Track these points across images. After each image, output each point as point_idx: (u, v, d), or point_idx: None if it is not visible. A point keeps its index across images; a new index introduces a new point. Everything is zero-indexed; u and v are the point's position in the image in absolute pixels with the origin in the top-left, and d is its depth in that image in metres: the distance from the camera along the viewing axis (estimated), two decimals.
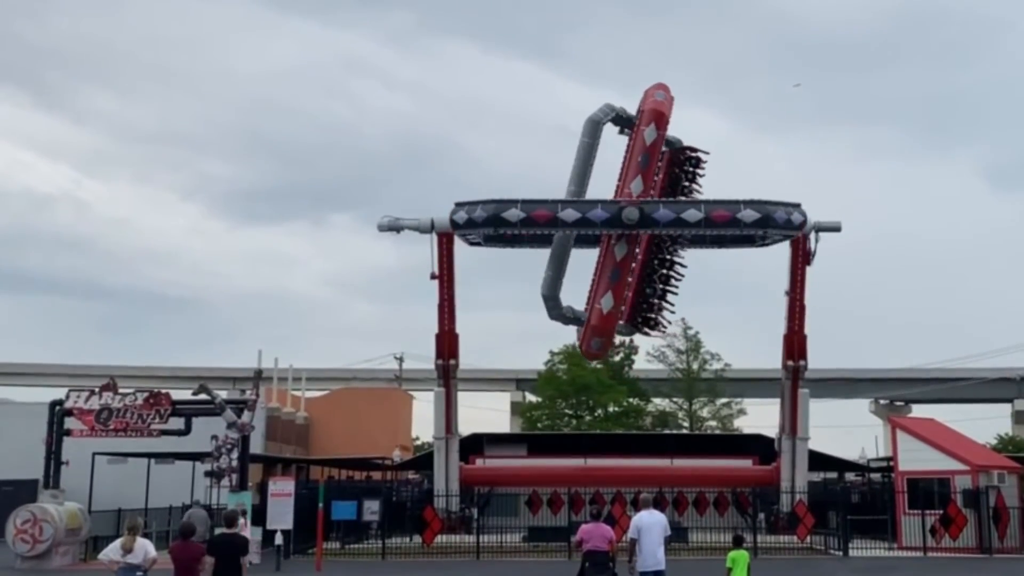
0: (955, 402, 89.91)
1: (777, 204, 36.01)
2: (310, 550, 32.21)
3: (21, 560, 30.27)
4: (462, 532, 37.23)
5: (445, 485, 38.74)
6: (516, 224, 35.87)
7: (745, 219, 35.53)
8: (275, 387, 59.94)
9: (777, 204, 36.01)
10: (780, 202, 36.35)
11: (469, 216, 36.29)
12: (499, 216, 35.83)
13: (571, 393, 65.10)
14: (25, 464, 40.97)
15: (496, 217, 35.89)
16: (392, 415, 67.80)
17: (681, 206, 36.62)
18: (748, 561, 16.94)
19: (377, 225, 38.94)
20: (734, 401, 72.77)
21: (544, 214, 35.64)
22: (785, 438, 40.05)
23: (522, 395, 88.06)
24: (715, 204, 36.18)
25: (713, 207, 35.92)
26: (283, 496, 31.44)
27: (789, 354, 39.71)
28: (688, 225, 35.96)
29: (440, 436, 39.74)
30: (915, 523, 34.33)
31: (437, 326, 39.52)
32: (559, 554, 32.42)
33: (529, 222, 35.83)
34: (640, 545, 16.64)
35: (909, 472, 35.45)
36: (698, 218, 35.52)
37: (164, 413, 32.71)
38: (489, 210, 35.91)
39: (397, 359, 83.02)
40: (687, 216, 35.70)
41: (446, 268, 38.58)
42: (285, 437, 58.30)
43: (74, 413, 32.65)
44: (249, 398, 34.24)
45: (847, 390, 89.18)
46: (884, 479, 44.74)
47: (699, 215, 35.54)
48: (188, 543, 14.27)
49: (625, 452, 44.06)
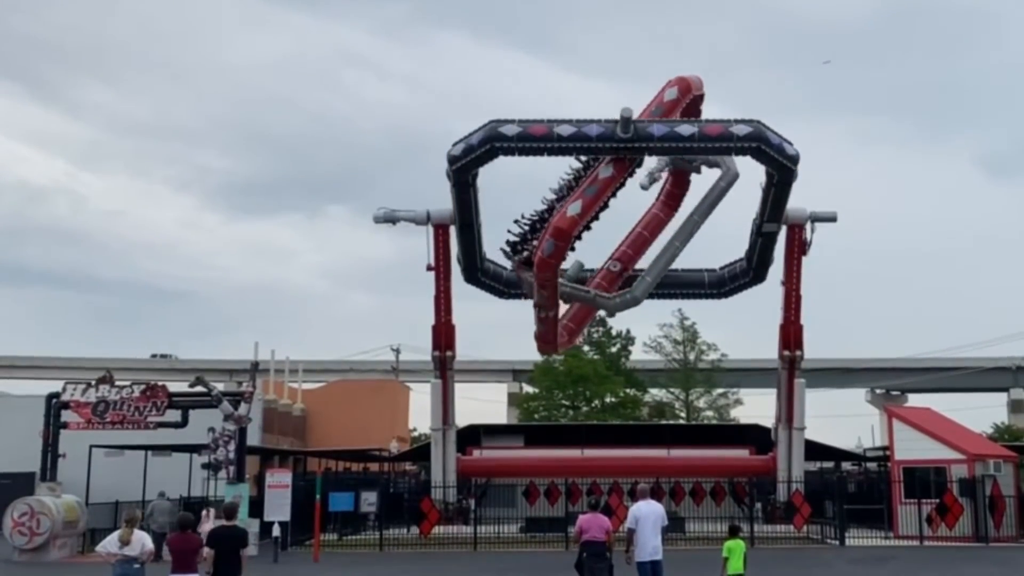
0: (951, 391, 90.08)
1: (771, 129, 35.08)
2: (307, 542, 32.25)
3: (19, 553, 30.28)
4: (459, 523, 37.32)
5: (442, 476, 38.81)
6: (513, 139, 34.36)
7: (738, 132, 34.39)
8: (272, 379, 59.92)
9: (771, 129, 35.08)
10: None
11: (466, 143, 34.77)
12: (497, 132, 34.28)
13: (568, 384, 65.10)
14: (22, 457, 40.98)
15: (494, 134, 34.31)
16: (389, 407, 67.85)
17: (675, 122, 35.64)
18: (744, 551, 16.96)
19: (373, 217, 38.99)
20: (731, 391, 72.79)
21: (540, 129, 34.58)
22: (781, 428, 40.17)
23: (519, 386, 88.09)
24: (709, 121, 35.56)
25: (706, 124, 35.09)
26: (280, 488, 31.44)
27: (785, 344, 39.82)
28: (682, 139, 34.81)
29: (437, 427, 39.80)
30: (911, 512, 34.42)
31: (433, 317, 39.56)
32: (556, 544, 32.45)
33: (525, 137, 34.43)
34: (637, 535, 16.67)
35: (905, 461, 35.50)
36: (691, 132, 34.54)
37: (161, 405, 32.71)
38: (486, 131, 34.48)
39: (394, 351, 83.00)
40: (681, 130, 34.69)
41: (442, 260, 38.59)
42: (282, 429, 58.33)
43: (71, 406, 32.63)
44: (246, 390, 34.20)
45: (843, 380, 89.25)
46: (880, 468, 44.82)
47: (692, 129, 34.61)
48: (186, 534, 14.26)
49: (622, 443, 44.16)
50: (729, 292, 42.21)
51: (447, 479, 38.77)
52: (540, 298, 36.16)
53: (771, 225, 38.30)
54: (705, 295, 43.03)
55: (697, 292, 43.09)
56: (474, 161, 35.00)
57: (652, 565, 16.65)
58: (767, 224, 38.27)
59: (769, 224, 38.23)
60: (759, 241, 39.34)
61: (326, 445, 57.71)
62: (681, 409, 71.57)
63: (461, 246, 38.65)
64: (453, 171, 35.38)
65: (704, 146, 35.41)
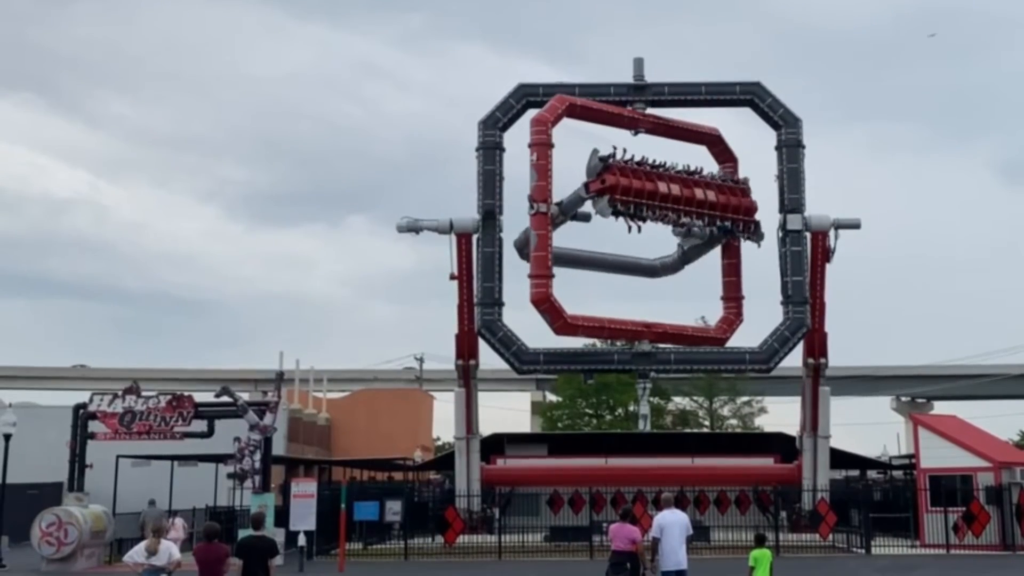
0: (977, 399, 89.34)
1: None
2: (333, 551, 32.34)
3: (47, 563, 30.53)
4: (484, 532, 37.27)
5: (466, 485, 38.79)
6: (540, 89, 39.91)
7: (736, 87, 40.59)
8: (297, 389, 60.14)
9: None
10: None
11: (499, 103, 39.58)
12: (527, 86, 40.41)
13: (591, 392, 65.03)
14: (50, 467, 41.30)
15: (526, 87, 40.35)
16: (413, 416, 67.94)
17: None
18: (771, 560, 16.95)
19: (396, 226, 39.12)
20: (755, 399, 72.56)
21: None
22: (806, 436, 39.95)
23: (542, 395, 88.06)
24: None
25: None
26: (306, 497, 31.61)
27: (810, 352, 39.67)
28: (688, 90, 41.09)
29: (461, 436, 39.79)
30: (938, 520, 34.21)
31: (457, 326, 39.59)
32: (581, 554, 32.45)
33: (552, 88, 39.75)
34: (662, 544, 16.67)
35: (931, 469, 35.29)
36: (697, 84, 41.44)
37: (187, 415, 32.90)
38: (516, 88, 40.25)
39: (417, 360, 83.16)
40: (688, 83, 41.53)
41: (465, 268, 38.64)
42: (307, 438, 58.48)
43: (98, 416, 32.87)
44: (271, 400, 34.27)
45: (868, 387, 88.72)
46: (906, 476, 44.56)
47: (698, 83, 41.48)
48: (212, 544, 14.36)
49: (646, 451, 43.96)
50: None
51: (471, 488, 38.76)
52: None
53: (794, 218, 38.63)
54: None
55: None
56: (506, 116, 39.40)
57: (677, 574, 16.65)
58: (791, 216, 38.70)
59: (792, 216, 38.70)
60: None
61: (351, 454, 57.85)
62: (705, 417, 71.40)
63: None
64: (484, 130, 39.22)
65: (709, 98, 40.84)
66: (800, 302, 38.59)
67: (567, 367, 41.69)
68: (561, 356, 40.58)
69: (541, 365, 39.94)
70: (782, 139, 39.70)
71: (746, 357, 39.63)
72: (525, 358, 38.45)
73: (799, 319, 38.55)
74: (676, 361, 40.06)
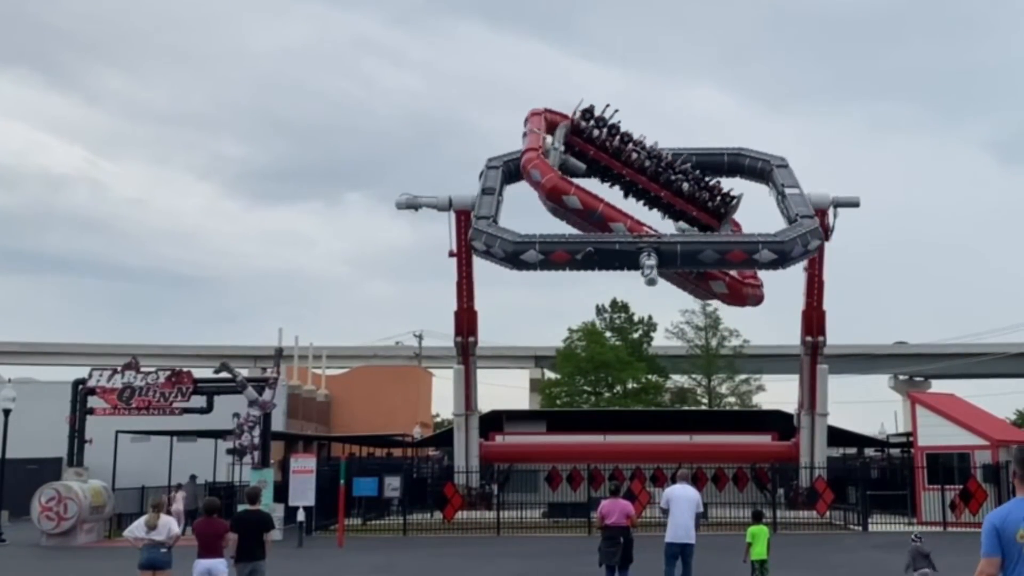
0: (974, 377, 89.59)
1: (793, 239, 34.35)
2: (332, 526, 32.45)
3: (47, 537, 30.63)
4: (482, 508, 37.45)
5: (465, 462, 38.94)
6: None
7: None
8: (296, 365, 60.20)
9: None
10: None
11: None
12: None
13: (590, 370, 65.12)
14: (49, 443, 41.36)
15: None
16: (412, 392, 68.05)
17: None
18: (768, 536, 17.01)
19: (395, 203, 39.05)
20: (753, 377, 72.66)
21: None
22: (804, 414, 40.08)
23: (541, 372, 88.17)
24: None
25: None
26: (305, 473, 31.70)
27: (808, 330, 39.70)
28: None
29: (460, 413, 39.93)
30: (935, 498, 34.36)
31: (456, 304, 39.64)
32: (579, 530, 32.56)
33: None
34: (670, 516, 16.70)
35: (929, 447, 35.41)
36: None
37: (186, 391, 32.97)
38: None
39: (416, 337, 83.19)
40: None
41: (464, 246, 38.62)
42: (306, 415, 58.60)
43: (97, 392, 32.93)
44: (270, 376, 34.34)
45: (866, 366, 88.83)
46: (903, 454, 44.68)
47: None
48: (212, 519, 14.39)
49: (644, 429, 44.12)
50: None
51: (470, 464, 38.90)
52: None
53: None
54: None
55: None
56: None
57: (682, 548, 16.58)
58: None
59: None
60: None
61: (350, 431, 57.95)
62: (703, 395, 71.53)
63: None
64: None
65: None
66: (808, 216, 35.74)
67: (564, 245, 34.34)
68: (556, 238, 34.86)
69: (536, 245, 34.08)
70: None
71: (759, 246, 33.97)
72: (518, 239, 34.07)
73: (817, 231, 35.26)
74: (682, 253, 34.36)
